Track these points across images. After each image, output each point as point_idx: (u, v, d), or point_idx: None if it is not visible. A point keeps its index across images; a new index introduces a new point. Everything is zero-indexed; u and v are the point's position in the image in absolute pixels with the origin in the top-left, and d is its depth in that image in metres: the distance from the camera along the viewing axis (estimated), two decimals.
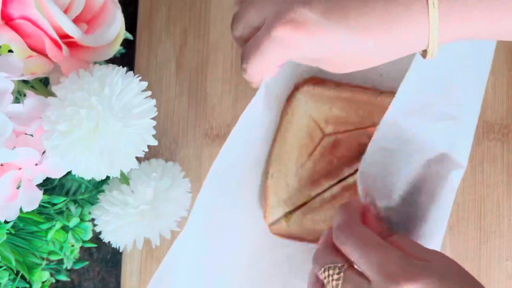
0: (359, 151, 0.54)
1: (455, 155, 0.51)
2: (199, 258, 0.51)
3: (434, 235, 0.51)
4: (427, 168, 0.50)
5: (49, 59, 0.43)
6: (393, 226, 0.49)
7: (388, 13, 0.37)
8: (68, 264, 0.53)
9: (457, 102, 0.51)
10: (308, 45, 0.39)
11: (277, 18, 0.39)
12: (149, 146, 0.44)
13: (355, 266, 0.43)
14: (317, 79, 0.54)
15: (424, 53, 0.40)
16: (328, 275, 0.43)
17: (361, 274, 0.42)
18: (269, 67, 0.42)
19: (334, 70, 0.42)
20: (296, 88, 0.54)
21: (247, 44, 0.43)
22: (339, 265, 0.43)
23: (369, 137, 0.49)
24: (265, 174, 0.55)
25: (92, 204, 0.52)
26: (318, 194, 0.54)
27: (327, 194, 0.54)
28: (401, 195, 0.50)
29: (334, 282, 0.42)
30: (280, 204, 0.54)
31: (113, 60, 0.56)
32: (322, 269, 0.43)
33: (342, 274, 0.42)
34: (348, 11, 0.38)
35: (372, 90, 0.54)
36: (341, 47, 0.39)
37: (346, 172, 0.54)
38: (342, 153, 0.54)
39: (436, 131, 0.51)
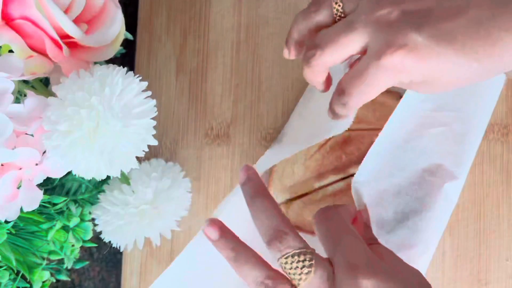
0: None
1: (448, 166, 0.51)
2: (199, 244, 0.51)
3: (428, 246, 0.51)
4: (421, 179, 0.51)
5: (50, 59, 0.43)
6: (383, 233, 0.49)
7: (491, 37, 0.38)
8: (68, 264, 0.53)
9: (452, 109, 0.51)
10: (418, 70, 0.40)
11: (387, 44, 0.39)
12: (149, 146, 0.44)
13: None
14: None
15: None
16: (299, 260, 0.41)
17: (326, 260, 0.42)
18: (372, 96, 0.41)
19: (430, 92, 0.42)
20: None
21: (346, 76, 0.41)
22: (310, 250, 0.41)
23: None
24: None
25: (92, 204, 0.52)
26: (321, 187, 0.54)
27: (330, 189, 0.54)
28: (393, 202, 0.50)
29: (306, 269, 0.41)
30: (283, 189, 0.54)
31: (113, 60, 0.56)
32: (291, 254, 0.41)
33: (314, 260, 0.41)
34: (456, 35, 0.39)
35: (393, 93, 0.54)
36: (447, 70, 0.40)
37: (352, 170, 0.54)
38: (352, 150, 0.54)
39: (430, 139, 0.51)
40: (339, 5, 0.42)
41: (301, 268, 0.41)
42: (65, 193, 0.51)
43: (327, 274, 0.41)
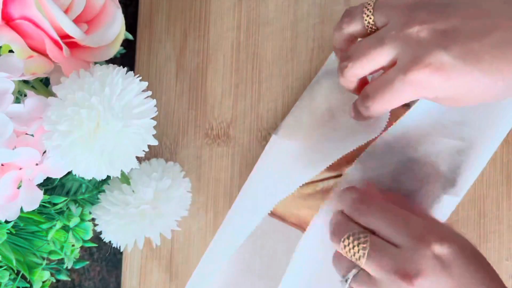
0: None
1: (452, 180, 0.52)
2: None
3: None
4: (420, 182, 0.51)
5: (50, 59, 0.43)
6: None
7: None
8: (68, 264, 0.53)
9: (472, 127, 0.52)
10: (443, 87, 0.41)
11: (415, 61, 0.41)
12: (149, 146, 0.44)
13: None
14: None
15: None
16: (354, 240, 0.44)
17: (385, 240, 0.44)
18: (394, 105, 0.44)
19: (453, 105, 0.44)
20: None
21: (373, 83, 0.44)
22: (363, 231, 0.45)
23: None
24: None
25: (92, 204, 0.52)
26: (313, 182, 0.54)
27: (321, 185, 0.54)
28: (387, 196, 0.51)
29: (361, 246, 0.44)
30: None
31: (114, 60, 0.56)
32: (346, 236, 0.45)
33: (368, 238, 0.44)
34: (482, 56, 0.40)
35: None
36: (472, 88, 0.41)
37: (345, 169, 0.54)
38: None
39: (442, 148, 0.51)
40: (371, 18, 0.44)
41: (358, 245, 0.44)
42: (65, 193, 0.51)
43: (384, 245, 0.43)
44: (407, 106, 0.51)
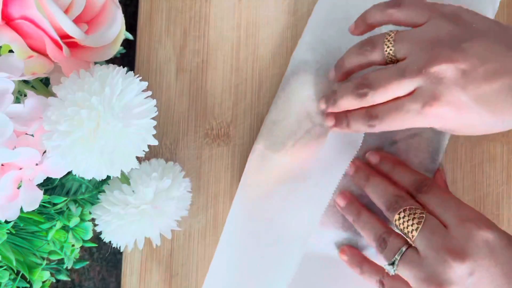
0: None
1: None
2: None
3: None
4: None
5: (50, 59, 0.43)
6: None
7: None
8: (68, 264, 0.53)
9: None
10: (454, 122, 0.46)
11: (435, 97, 0.45)
12: (149, 146, 0.44)
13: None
14: None
15: None
16: (410, 213, 0.47)
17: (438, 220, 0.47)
18: (398, 128, 0.48)
19: (453, 133, 0.49)
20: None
21: (384, 106, 0.47)
22: (420, 207, 0.48)
23: None
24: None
25: (92, 204, 0.52)
26: None
27: None
28: None
29: (416, 220, 0.46)
30: None
31: (114, 60, 0.56)
32: (402, 209, 0.47)
33: (425, 215, 0.47)
34: (490, 99, 0.45)
35: None
36: (478, 125, 0.46)
37: None
38: None
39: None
40: (391, 49, 0.47)
41: (413, 220, 0.47)
42: (65, 193, 0.51)
43: (438, 224, 0.46)
44: None
